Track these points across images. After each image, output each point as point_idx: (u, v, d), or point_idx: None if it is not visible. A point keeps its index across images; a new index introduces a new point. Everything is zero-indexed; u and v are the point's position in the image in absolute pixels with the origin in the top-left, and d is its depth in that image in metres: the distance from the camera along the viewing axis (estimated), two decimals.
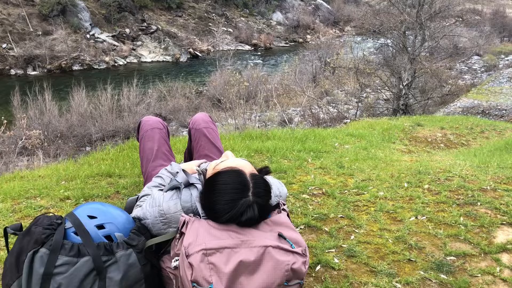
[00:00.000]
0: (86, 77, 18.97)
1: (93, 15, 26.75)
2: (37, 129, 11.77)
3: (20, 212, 2.68)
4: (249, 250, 1.61)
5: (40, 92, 13.31)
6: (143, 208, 1.97)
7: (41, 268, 1.64)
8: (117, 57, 25.40)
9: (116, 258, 1.72)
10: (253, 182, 1.73)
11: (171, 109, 16.31)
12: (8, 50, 22.79)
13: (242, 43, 32.02)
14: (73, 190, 2.95)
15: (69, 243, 1.70)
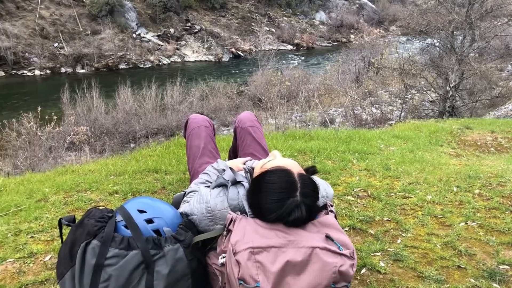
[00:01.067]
0: (132, 76, 19.46)
1: (139, 15, 27.44)
2: (85, 126, 12.12)
3: (71, 204, 2.78)
4: (296, 250, 1.59)
5: (88, 90, 13.69)
6: (190, 204, 2.00)
7: (92, 259, 1.68)
8: (161, 56, 25.96)
9: (164, 252, 1.75)
10: (301, 182, 1.72)
11: (213, 108, 16.46)
12: (59, 49, 23.79)
13: (284, 43, 31.96)
14: (121, 184, 3.03)
15: (119, 236, 1.74)
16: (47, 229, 2.49)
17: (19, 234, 2.43)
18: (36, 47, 23.43)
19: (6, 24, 23.25)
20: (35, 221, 2.57)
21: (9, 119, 10.51)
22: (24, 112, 10.82)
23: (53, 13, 25.06)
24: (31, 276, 2.08)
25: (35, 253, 2.26)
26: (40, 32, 24.02)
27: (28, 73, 22.88)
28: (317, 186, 1.79)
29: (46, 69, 23.01)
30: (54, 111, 11.82)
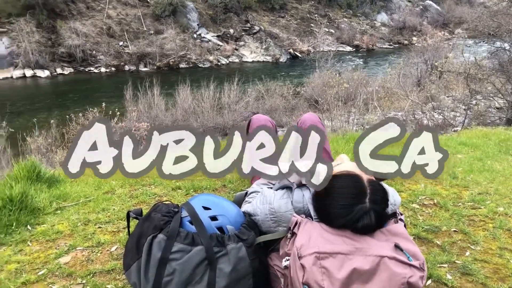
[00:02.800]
0: (191, 75, 19.89)
1: (200, 16, 28.07)
2: (146, 122, 12.51)
3: (136, 198, 2.87)
4: (363, 258, 1.54)
5: (149, 88, 14.11)
6: (253, 204, 2.00)
7: (158, 253, 1.72)
8: (220, 56, 26.40)
9: (227, 250, 1.75)
10: (370, 188, 1.66)
11: (268, 109, 16.48)
12: (124, 48, 24.84)
13: (343, 44, 31.50)
14: (183, 181, 3.09)
15: (184, 231, 1.77)
16: (114, 220, 2.59)
17: (88, 224, 2.55)
18: (103, 46, 24.60)
19: (76, 23, 24.58)
20: (103, 212, 2.68)
21: (76, 113, 11.03)
22: (89, 107, 11.35)
23: (120, 13, 26.19)
24: (99, 265, 2.17)
25: (102, 243, 2.35)
26: (107, 31, 25.19)
27: (95, 70, 24.06)
28: (387, 193, 1.73)
29: (111, 66, 24.10)
30: (117, 107, 12.30)
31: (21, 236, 2.39)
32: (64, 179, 3.16)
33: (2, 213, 2.48)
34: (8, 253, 2.26)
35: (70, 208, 2.74)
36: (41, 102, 19.02)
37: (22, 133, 9.29)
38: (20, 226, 2.46)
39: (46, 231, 2.44)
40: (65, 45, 23.76)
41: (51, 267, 2.14)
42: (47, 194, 2.81)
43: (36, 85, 22.55)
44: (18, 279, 2.05)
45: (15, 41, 23.19)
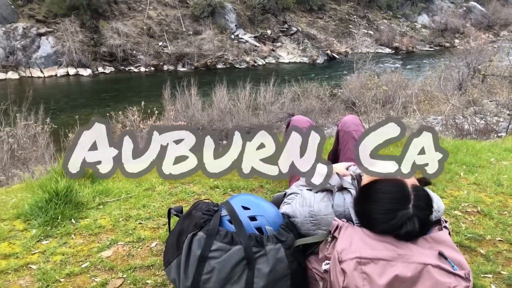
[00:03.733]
0: (228, 75, 20.03)
1: (238, 17, 28.27)
2: (183, 121, 12.69)
3: (176, 195, 2.92)
4: (406, 265, 1.51)
5: (187, 87, 14.29)
6: (292, 206, 1.99)
7: (198, 250, 1.74)
8: (257, 57, 26.51)
9: (265, 250, 1.75)
10: (414, 194, 1.63)
11: (304, 110, 16.40)
12: (163, 48, 25.35)
13: (382, 46, 30.98)
14: (221, 180, 3.12)
15: (223, 230, 1.78)
16: (154, 217, 2.64)
17: (129, 220, 2.61)
18: (143, 46, 25.18)
19: (118, 24, 25.27)
20: (143, 209, 2.73)
21: (116, 111, 11.30)
22: (129, 106, 11.60)
23: (160, 13, 26.74)
24: (139, 260, 2.22)
25: (143, 239, 2.40)
26: (147, 32, 25.77)
27: (134, 70, 24.66)
28: (431, 199, 1.69)
29: (150, 66, 24.64)
30: (155, 106, 12.51)
31: (66, 229, 2.47)
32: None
33: (48, 206, 2.57)
34: (53, 245, 2.34)
35: (112, 203, 2.81)
36: (83, 100, 19.66)
37: (64, 129, 9.58)
38: (64, 220, 2.54)
39: (89, 225, 2.52)
40: (107, 44, 24.48)
41: (94, 261, 2.20)
42: (90, 189, 2.90)
43: (78, 83, 23.34)
44: (63, 270, 2.12)
45: (60, 41, 24.08)
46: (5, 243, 2.36)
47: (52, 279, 2.04)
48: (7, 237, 2.41)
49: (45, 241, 2.38)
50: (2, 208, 2.76)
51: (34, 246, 2.33)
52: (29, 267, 2.15)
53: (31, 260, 2.21)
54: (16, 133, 8.69)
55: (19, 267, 2.14)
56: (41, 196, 2.66)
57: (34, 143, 8.86)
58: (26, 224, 2.53)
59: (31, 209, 2.59)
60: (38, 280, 2.04)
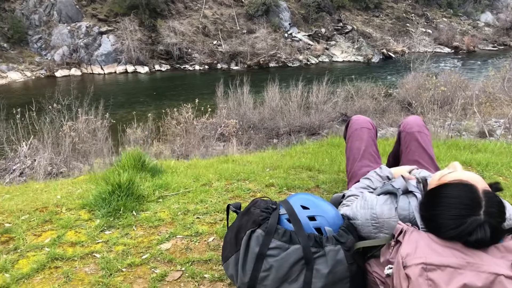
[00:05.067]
0: (280, 74, 20.01)
1: (293, 15, 28.20)
2: (234, 119, 12.81)
3: (232, 192, 2.95)
4: (475, 274, 1.43)
5: (239, 86, 14.40)
6: (352, 208, 1.95)
7: (256, 247, 1.74)
8: (310, 55, 26.33)
9: (324, 251, 1.72)
10: (486, 200, 1.53)
11: (357, 110, 16.07)
12: (217, 47, 25.73)
13: (441, 45, 29.82)
14: (276, 178, 3.12)
15: (282, 229, 1.77)
16: (211, 212, 2.67)
17: (187, 214, 2.66)
18: (198, 44, 25.69)
19: (175, 23, 25.93)
20: (201, 204, 2.78)
21: (171, 108, 11.59)
22: (183, 103, 11.86)
23: (215, 12, 27.17)
24: (197, 254, 2.26)
25: (200, 233, 2.44)
26: (202, 30, 26.26)
27: (189, 68, 25.21)
28: (504, 206, 1.59)
29: (204, 64, 25.10)
30: (209, 103, 12.73)
31: (127, 220, 2.56)
32: (166, 169, 3.34)
33: (111, 198, 2.67)
34: (116, 235, 2.43)
35: (171, 197, 2.88)
36: (140, 96, 20.34)
37: (122, 124, 9.94)
38: (126, 211, 2.63)
39: (149, 218, 2.59)
40: (164, 43, 25.19)
41: (154, 252, 2.27)
42: (150, 183, 2.98)
43: (136, 80, 24.18)
44: (124, 260, 2.19)
45: (119, 39, 25.07)
46: (72, 231, 2.47)
47: (115, 268, 2.12)
48: (73, 226, 2.53)
49: (108, 231, 2.48)
50: (69, 198, 2.90)
51: (98, 235, 2.43)
52: (94, 256, 2.24)
53: (95, 249, 2.30)
54: (78, 127, 9.13)
55: (84, 255, 2.24)
56: (104, 188, 2.77)
57: (94, 137, 9.27)
58: (91, 214, 2.64)
59: (95, 200, 2.70)
60: (102, 269, 2.12)
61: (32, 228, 2.50)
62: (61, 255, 2.22)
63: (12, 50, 24.51)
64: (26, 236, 2.41)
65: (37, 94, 10.81)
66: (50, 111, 9.22)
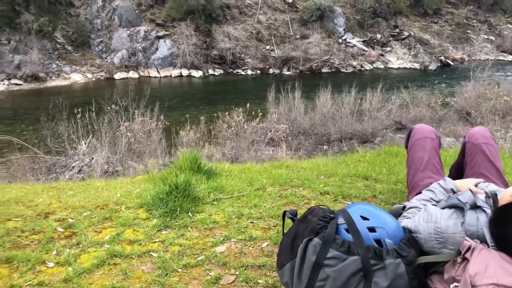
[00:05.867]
0: (333, 80, 19.79)
1: (347, 21, 27.86)
2: (285, 124, 12.78)
3: (286, 198, 2.94)
4: None
5: (291, 91, 14.35)
6: (414, 220, 1.87)
7: (313, 256, 1.71)
8: (364, 62, 25.89)
9: (384, 264, 1.67)
10: None
11: (412, 118, 15.58)
12: (270, 52, 25.85)
13: (504, 53, 28.38)
14: (331, 186, 3.07)
15: (340, 239, 1.73)
16: (265, 217, 2.67)
17: (241, 218, 2.67)
18: (251, 49, 25.92)
19: (229, 28, 26.33)
20: (255, 208, 2.78)
21: (223, 112, 11.74)
22: (235, 107, 11.99)
23: (269, 18, 27.34)
24: (251, 258, 2.26)
25: (254, 238, 2.44)
26: (256, 36, 26.49)
27: (242, 72, 25.48)
28: None
29: (257, 69, 25.29)
30: (260, 108, 12.77)
31: (183, 221, 2.60)
32: (220, 172, 3.37)
33: (168, 198, 2.73)
34: (172, 235, 2.48)
35: (225, 200, 2.91)
36: (193, 100, 20.78)
37: (175, 126, 10.18)
38: (182, 212, 2.68)
39: (204, 220, 2.62)
40: (218, 48, 25.63)
41: (208, 254, 2.29)
42: (205, 185, 3.02)
43: (190, 84, 24.75)
44: (180, 261, 2.23)
45: (175, 43, 25.77)
46: (130, 229, 2.55)
47: (171, 268, 2.16)
48: (131, 224, 2.60)
49: (165, 231, 2.53)
50: (128, 196, 2.99)
51: (155, 235, 2.49)
52: (151, 255, 2.30)
53: (152, 248, 2.36)
54: (134, 128, 9.45)
55: (142, 254, 2.30)
56: (162, 188, 2.84)
57: (149, 138, 9.55)
58: (148, 214, 2.71)
59: (153, 199, 2.77)
60: (158, 268, 2.16)
61: (93, 224, 2.60)
62: (120, 252, 2.29)
63: (76, 52, 25.82)
64: (87, 232, 2.51)
65: (96, 95, 11.29)
66: (108, 112, 9.58)
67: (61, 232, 2.52)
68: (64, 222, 2.62)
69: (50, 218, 2.66)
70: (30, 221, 2.63)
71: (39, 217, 2.68)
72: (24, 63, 23.73)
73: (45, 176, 7.77)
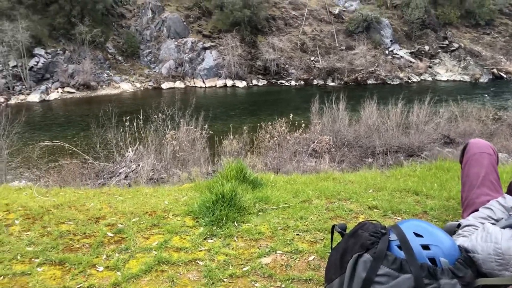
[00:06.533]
0: (379, 91, 19.48)
1: (395, 32, 27.43)
2: (328, 135, 12.64)
3: (332, 211, 2.88)
4: None
5: (335, 102, 14.22)
6: (471, 240, 1.78)
7: (363, 273, 1.65)
8: (411, 73, 25.37)
9: (439, 284, 1.59)
10: None
11: (461, 132, 15.05)
12: (314, 63, 25.83)
13: None
14: (380, 200, 2.99)
15: (392, 256, 1.67)
16: (311, 230, 2.62)
17: (287, 230, 2.64)
18: (296, 60, 26.00)
19: (274, 39, 26.54)
20: (301, 220, 2.74)
21: (266, 122, 11.77)
22: (277, 117, 11.99)
23: (314, 29, 27.36)
24: (297, 271, 2.22)
25: (301, 251, 2.40)
26: (300, 47, 26.55)
27: (285, 83, 25.57)
28: None
29: (300, 80, 25.31)
30: (302, 119, 12.73)
31: (229, 231, 2.60)
32: (266, 183, 3.36)
33: (215, 207, 2.74)
34: (218, 244, 2.48)
35: (270, 211, 2.89)
36: (237, 109, 21.01)
37: (219, 135, 10.31)
38: (228, 222, 2.68)
39: (250, 230, 2.61)
40: (262, 59, 25.89)
41: (254, 265, 2.27)
42: (251, 195, 3.01)
43: (234, 94, 25.08)
44: (226, 271, 2.22)
45: (221, 54, 26.26)
46: (177, 237, 2.58)
47: (217, 278, 2.15)
48: (178, 231, 2.63)
49: (211, 239, 2.54)
50: (175, 204, 3.03)
51: (201, 243, 2.50)
52: (197, 263, 2.31)
53: (198, 256, 2.37)
54: (179, 136, 9.64)
55: (188, 262, 2.31)
56: (208, 197, 2.86)
57: (193, 146, 9.71)
58: (195, 222, 2.74)
59: (200, 208, 2.80)
60: (204, 277, 2.17)
61: (141, 230, 2.65)
62: (167, 259, 2.31)
63: (126, 63, 26.79)
64: (136, 238, 2.56)
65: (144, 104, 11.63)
66: (155, 120, 9.83)
67: (111, 237, 2.58)
68: (114, 227, 2.68)
69: (101, 223, 2.74)
70: (81, 225, 2.71)
71: (90, 221, 2.75)
72: (77, 72, 24.86)
73: (93, 181, 8.05)
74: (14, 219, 2.79)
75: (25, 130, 14.13)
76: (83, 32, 25.07)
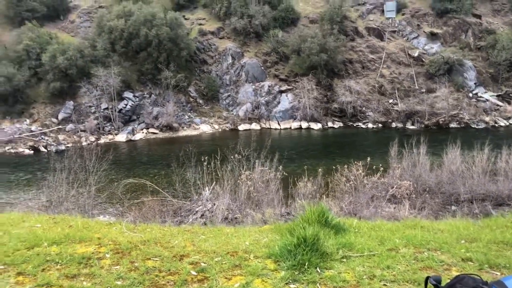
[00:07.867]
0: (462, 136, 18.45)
1: (479, 74, 26.22)
2: (408, 180, 12.08)
3: (422, 261, 2.70)
4: None
5: (415, 146, 13.65)
6: None
7: None
8: (498, 117, 23.87)
9: None
10: None
11: None
12: (393, 105, 25.26)
13: None
14: (474, 252, 2.77)
15: None
16: (399, 280, 2.47)
17: (373, 279, 2.51)
18: (373, 103, 25.63)
19: (351, 82, 26.47)
20: (388, 270, 2.60)
21: (341, 165, 11.54)
22: (354, 160, 11.72)
23: (393, 72, 26.92)
24: None
25: None
26: (378, 89, 26.19)
27: (362, 125, 25.16)
28: None
29: (378, 123, 24.78)
30: (380, 162, 12.30)
31: (312, 277, 2.53)
32: (349, 228, 3.26)
33: (297, 251, 2.69)
34: None
35: (355, 258, 2.77)
36: (312, 151, 20.91)
37: (293, 177, 10.24)
38: (311, 267, 2.61)
39: (333, 277, 2.52)
40: (338, 101, 25.85)
41: None
42: (334, 241, 2.93)
43: (308, 136, 25.09)
44: None
45: (297, 97, 26.64)
46: (259, 279, 2.55)
47: None
48: (260, 274, 2.60)
49: (293, 284, 2.48)
50: (256, 245, 3.02)
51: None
52: None
53: None
54: (254, 177, 9.71)
55: None
56: (290, 240, 2.82)
57: (267, 187, 9.72)
58: (276, 265, 2.70)
59: (281, 251, 2.76)
60: None
61: (223, 270, 2.66)
62: None
63: (206, 105, 28.04)
64: (218, 278, 2.57)
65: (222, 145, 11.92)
66: (231, 161, 10.01)
67: (194, 275, 2.61)
68: (197, 266, 2.72)
69: (185, 261, 2.79)
70: (167, 261, 2.78)
71: (174, 259, 2.82)
72: (161, 114, 26.38)
73: (171, 218, 8.28)
74: (105, 252, 2.92)
75: (112, 168, 15.04)
76: (168, 77, 26.73)
